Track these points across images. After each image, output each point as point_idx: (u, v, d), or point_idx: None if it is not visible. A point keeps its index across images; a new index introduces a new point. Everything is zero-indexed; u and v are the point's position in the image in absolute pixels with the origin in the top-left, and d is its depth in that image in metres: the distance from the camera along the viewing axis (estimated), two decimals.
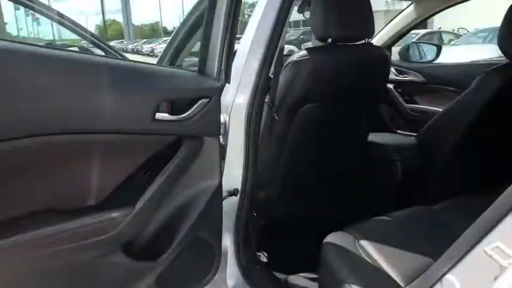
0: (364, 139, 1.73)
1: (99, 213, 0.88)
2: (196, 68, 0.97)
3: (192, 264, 1.08)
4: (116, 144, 0.87)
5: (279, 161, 1.49)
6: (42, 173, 0.82)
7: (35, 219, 0.82)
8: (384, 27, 2.20)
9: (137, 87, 0.85)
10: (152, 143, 0.92)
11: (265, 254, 1.31)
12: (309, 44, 3.45)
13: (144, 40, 27.18)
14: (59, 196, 0.86)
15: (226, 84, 0.98)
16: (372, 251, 1.03)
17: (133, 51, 26.68)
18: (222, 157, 1.13)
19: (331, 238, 1.11)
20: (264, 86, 1.12)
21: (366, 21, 1.35)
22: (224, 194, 1.12)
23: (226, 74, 0.95)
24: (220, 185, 1.01)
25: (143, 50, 22.88)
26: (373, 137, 1.79)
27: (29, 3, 1.36)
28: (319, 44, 1.41)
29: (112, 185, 0.91)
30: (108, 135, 0.84)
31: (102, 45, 1.51)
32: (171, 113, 0.90)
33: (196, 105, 0.91)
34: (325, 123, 1.47)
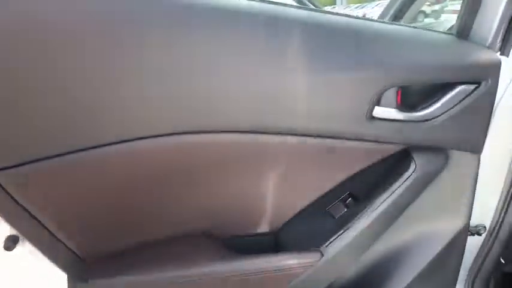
0: None
1: (275, 257, 0.62)
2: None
3: None
4: (307, 152, 0.57)
5: None
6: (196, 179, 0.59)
7: (192, 245, 0.62)
8: None
9: (343, 62, 0.51)
10: (362, 154, 0.59)
11: None
12: None
13: (357, 5, 26.32)
14: (222, 216, 0.64)
15: None
16: None
17: None
18: None
19: None
20: None
21: None
22: None
23: (503, 42, 0.58)
24: (467, 225, 0.69)
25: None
26: None
27: None
28: None
29: (294, 209, 0.65)
30: (293, 137, 0.55)
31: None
32: (399, 107, 0.54)
33: (448, 96, 0.53)
34: None
